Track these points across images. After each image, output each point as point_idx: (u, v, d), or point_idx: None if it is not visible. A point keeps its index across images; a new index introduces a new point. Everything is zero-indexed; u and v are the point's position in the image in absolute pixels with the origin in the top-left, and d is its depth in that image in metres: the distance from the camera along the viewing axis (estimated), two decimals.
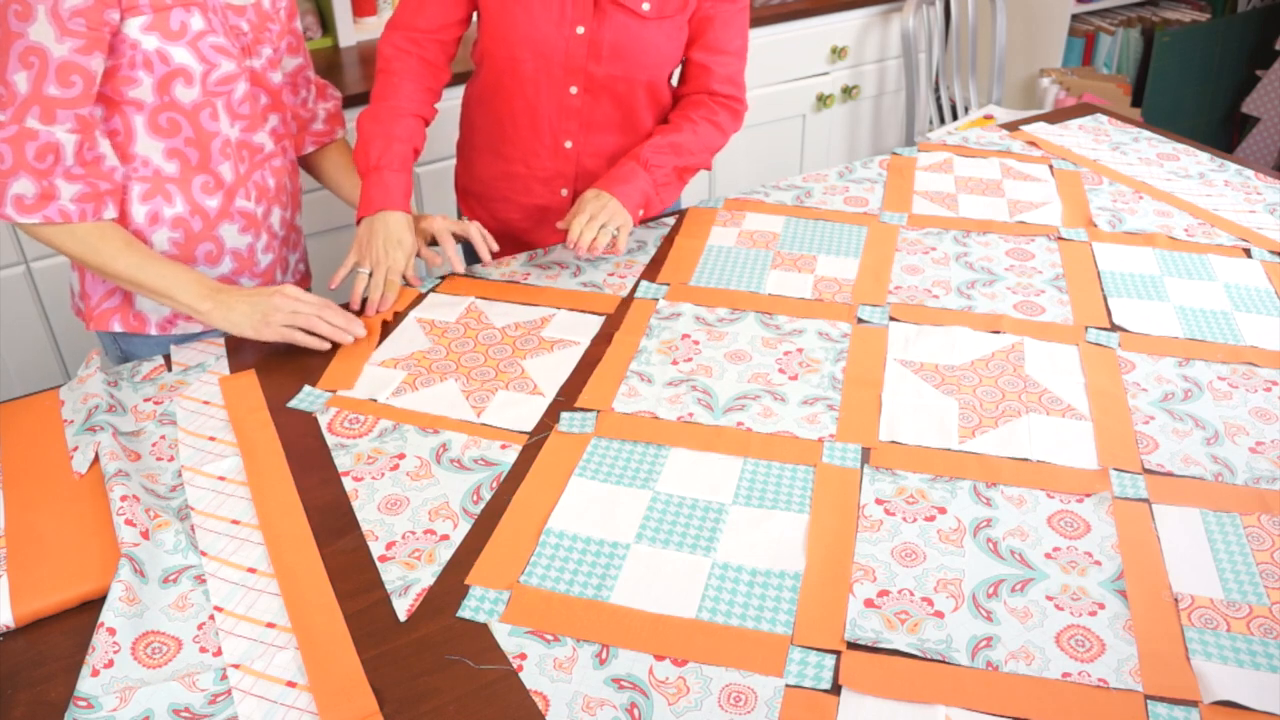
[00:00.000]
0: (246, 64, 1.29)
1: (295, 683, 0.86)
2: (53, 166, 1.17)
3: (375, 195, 1.40)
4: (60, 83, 1.14)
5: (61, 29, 1.12)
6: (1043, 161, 1.76)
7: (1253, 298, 1.38)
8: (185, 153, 1.27)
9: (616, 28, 1.42)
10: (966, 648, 0.89)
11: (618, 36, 1.42)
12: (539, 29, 1.42)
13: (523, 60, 1.46)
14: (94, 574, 0.95)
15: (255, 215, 1.37)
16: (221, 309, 1.25)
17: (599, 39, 1.42)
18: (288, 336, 1.25)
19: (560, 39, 1.43)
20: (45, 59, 1.13)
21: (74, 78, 1.15)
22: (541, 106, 1.49)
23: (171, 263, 1.26)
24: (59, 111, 1.15)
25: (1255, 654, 0.88)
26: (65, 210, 1.19)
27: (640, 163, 1.46)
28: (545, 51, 1.44)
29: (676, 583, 0.95)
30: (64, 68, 1.14)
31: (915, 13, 2.75)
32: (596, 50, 1.43)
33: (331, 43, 2.37)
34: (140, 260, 1.24)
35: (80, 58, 1.14)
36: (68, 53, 1.13)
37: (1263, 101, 3.18)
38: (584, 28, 1.42)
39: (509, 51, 1.46)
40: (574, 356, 1.27)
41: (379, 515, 1.03)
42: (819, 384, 1.21)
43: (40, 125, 1.15)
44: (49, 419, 1.16)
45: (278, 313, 1.25)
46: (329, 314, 1.27)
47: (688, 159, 1.50)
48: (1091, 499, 1.04)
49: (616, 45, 1.43)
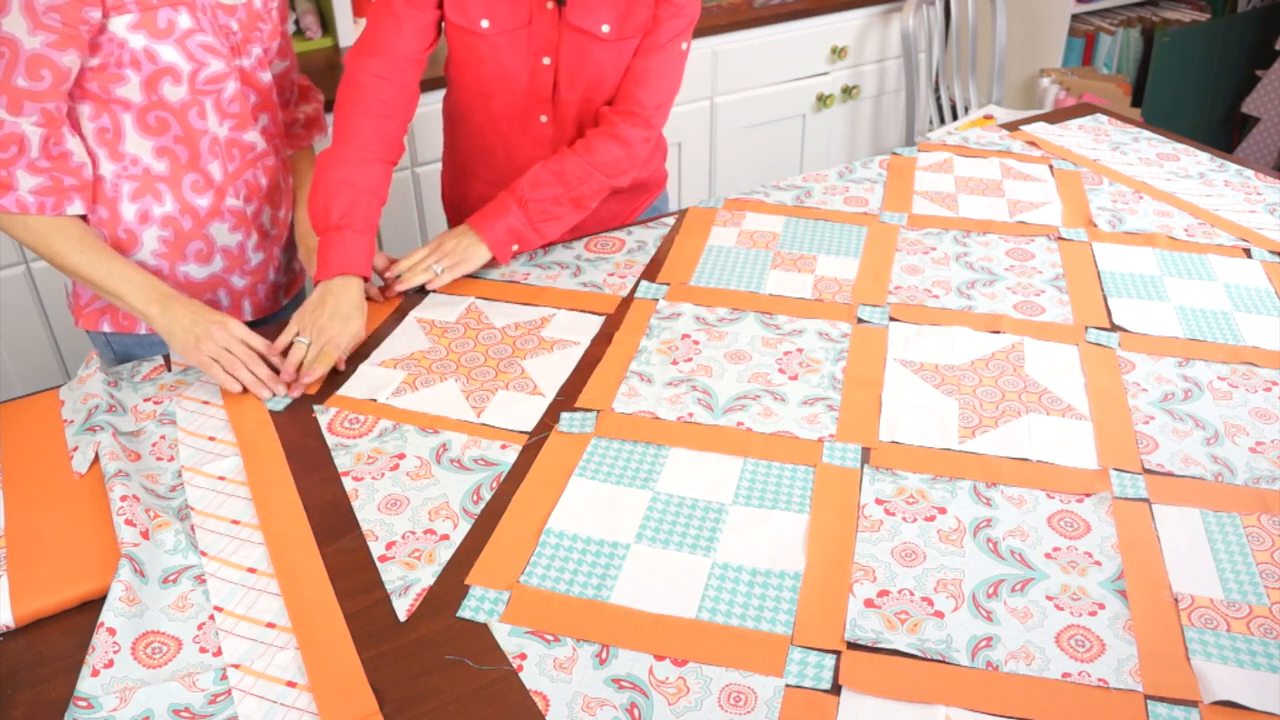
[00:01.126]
0: (236, 63, 1.30)
1: (295, 683, 0.86)
2: (15, 157, 1.17)
3: (334, 259, 1.31)
4: (29, 75, 1.14)
5: (35, 23, 1.12)
6: (1043, 161, 1.76)
7: (1253, 298, 1.38)
8: (175, 151, 1.27)
9: (579, 54, 1.40)
10: (966, 648, 0.89)
11: (581, 63, 1.40)
12: (504, 64, 1.40)
13: (492, 95, 1.44)
14: (94, 574, 0.95)
15: (245, 213, 1.37)
16: (165, 316, 1.22)
17: (564, 68, 1.41)
18: (206, 367, 1.20)
19: (526, 71, 1.41)
20: (16, 50, 1.13)
21: (44, 71, 1.14)
22: (513, 136, 1.48)
23: (126, 263, 1.24)
24: (26, 104, 1.15)
25: (1255, 654, 0.88)
26: (22, 201, 1.18)
27: (515, 198, 1.40)
28: (513, 86, 1.42)
29: (676, 583, 0.95)
30: (34, 61, 1.14)
31: (915, 13, 2.75)
32: (563, 78, 1.42)
33: (331, 43, 2.37)
34: (92, 258, 1.22)
35: (52, 52, 1.14)
36: (40, 46, 1.13)
37: (1263, 101, 3.18)
38: (550, 58, 1.40)
39: (478, 86, 1.45)
40: (574, 356, 1.27)
41: (379, 515, 1.03)
42: (819, 384, 1.21)
43: (6, 115, 1.15)
44: (49, 419, 1.16)
45: (210, 341, 1.20)
46: (255, 367, 1.21)
47: (578, 187, 1.42)
48: (1091, 499, 1.04)
49: (581, 72, 1.41)
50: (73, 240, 1.22)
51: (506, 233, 1.40)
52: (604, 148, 1.43)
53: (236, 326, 1.22)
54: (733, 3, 2.67)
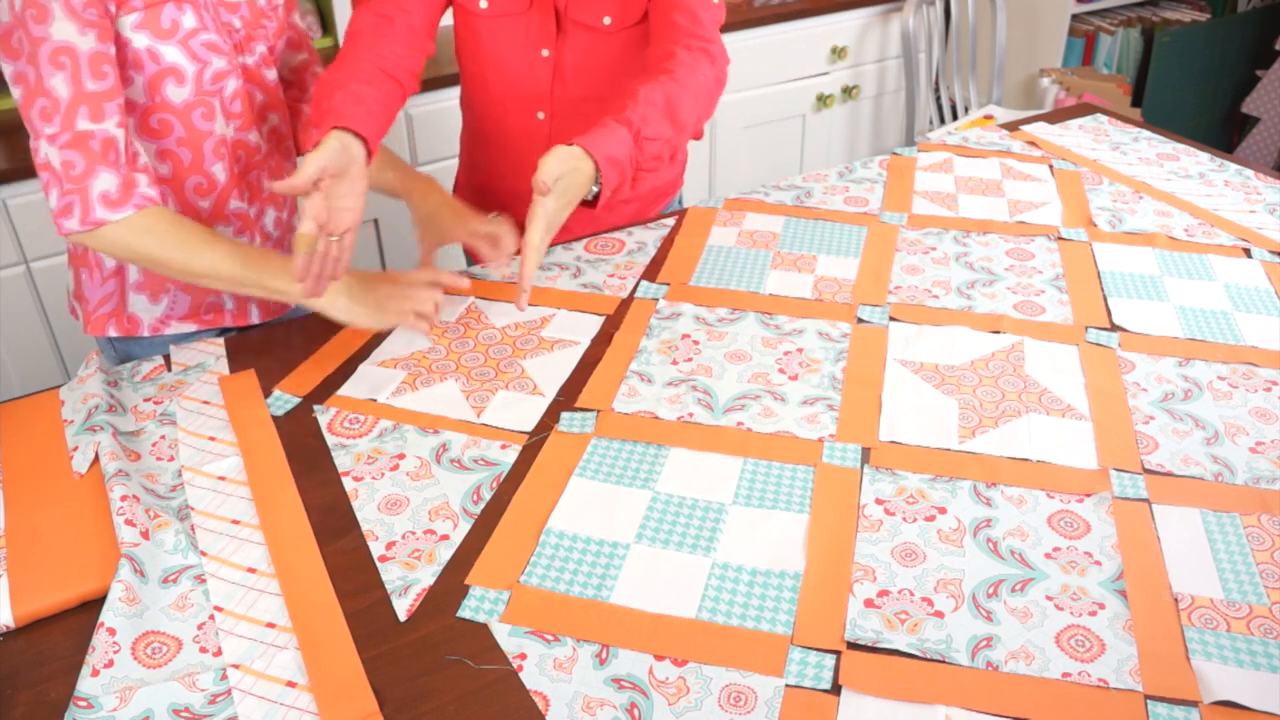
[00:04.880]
0: (239, 60, 1.28)
1: (295, 683, 0.86)
2: (120, 161, 1.14)
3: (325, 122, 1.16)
4: (95, 76, 1.11)
5: (81, 22, 1.10)
6: (1043, 161, 1.76)
7: (1253, 298, 1.38)
8: (177, 153, 1.26)
9: (580, 48, 1.37)
10: (966, 648, 0.89)
11: (582, 57, 1.38)
12: (502, 50, 1.38)
13: (490, 81, 1.42)
14: (94, 574, 0.95)
15: (249, 216, 1.36)
16: (341, 308, 1.22)
17: (563, 62, 1.38)
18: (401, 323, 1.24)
19: (524, 62, 1.39)
20: (75, 56, 1.10)
21: (104, 68, 1.12)
22: (509, 129, 1.46)
23: (257, 250, 1.22)
24: (105, 105, 1.12)
25: (1255, 654, 0.88)
26: (149, 196, 1.16)
27: (631, 131, 1.19)
28: (510, 75, 1.40)
29: (676, 583, 0.95)
30: (94, 60, 1.11)
31: (915, 13, 2.75)
32: (562, 73, 1.39)
33: (332, 42, 2.37)
34: (233, 248, 1.19)
35: (102, 46, 1.12)
36: (95, 43, 1.11)
37: (1263, 101, 3.18)
38: (549, 50, 1.38)
39: (477, 69, 1.43)
40: (574, 356, 1.27)
41: (379, 515, 1.03)
42: (819, 384, 1.21)
43: (92, 125, 1.11)
44: (49, 419, 1.16)
45: (389, 303, 1.24)
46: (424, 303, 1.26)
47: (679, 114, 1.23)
48: (1091, 499, 1.04)
49: (582, 67, 1.39)
50: (196, 233, 1.18)
51: (619, 177, 1.20)
52: (699, 68, 1.26)
53: (415, 282, 1.27)
54: (733, 3, 2.67)
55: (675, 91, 1.22)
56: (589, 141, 1.15)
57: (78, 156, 1.11)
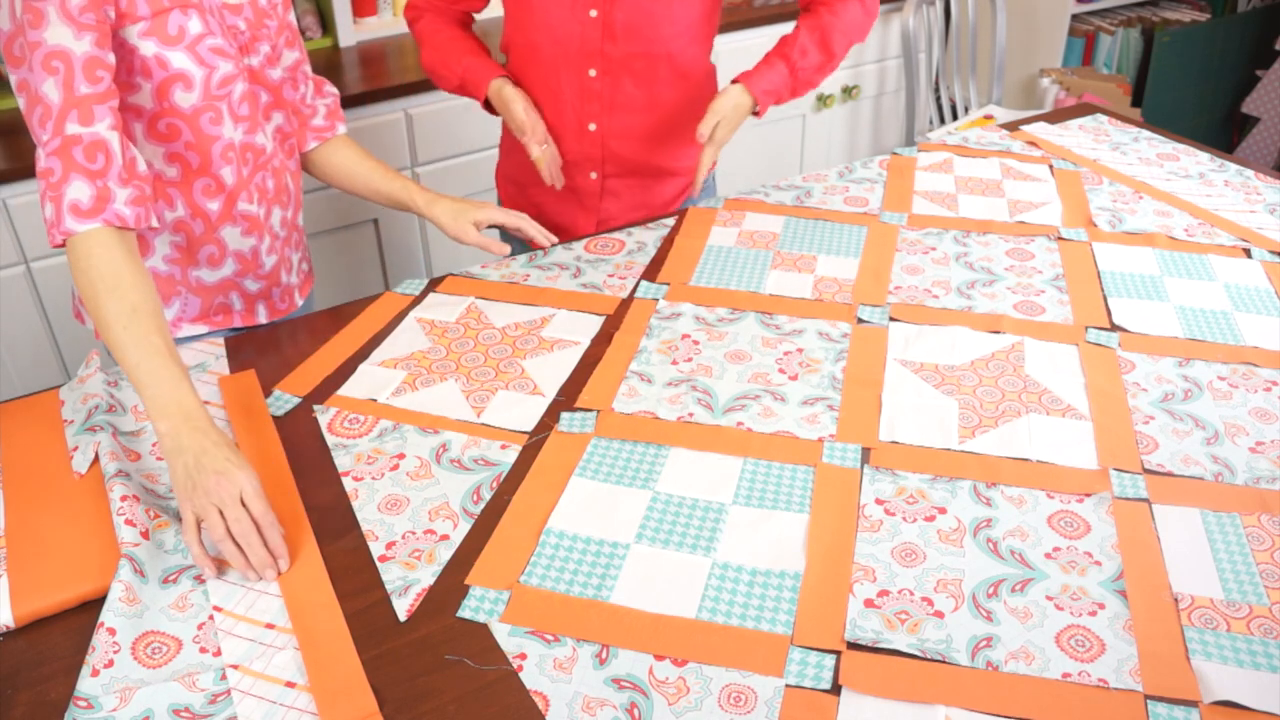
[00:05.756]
0: (245, 62, 1.28)
1: (295, 683, 0.86)
2: (105, 167, 1.10)
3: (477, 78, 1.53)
4: (89, 80, 1.10)
5: (77, 26, 1.09)
6: (1043, 161, 1.76)
7: (1253, 298, 1.38)
8: (186, 157, 1.26)
9: (629, 6, 1.43)
10: (966, 648, 0.89)
11: (630, 15, 1.44)
12: (552, 15, 1.45)
13: (540, 46, 1.48)
14: (94, 574, 0.95)
15: (257, 217, 1.36)
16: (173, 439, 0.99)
17: (612, 20, 1.44)
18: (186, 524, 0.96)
19: (574, 23, 1.45)
20: (69, 60, 1.09)
21: (99, 72, 1.11)
22: (563, 91, 1.51)
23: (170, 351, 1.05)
24: (95, 108, 1.11)
25: (1255, 654, 0.88)
26: (121, 214, 1.10)
27: (788, 65, 1.50)
28: (560, 37, 1.46)
29: (676, 583, 0.95)
30: (89, 64, 1.10)
31: (915, 13, 2.75)
32: (611, 31, 1.45)
33: (331, 42, 2.37)
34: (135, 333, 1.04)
35: (99, 51, 1.11)
36: (90, 48, 1.10)
37: (1263, 101, 3.18)
38: (596, 10, 1.43)
39: (526, 38, 1.50)
40: (574, 356, 1.27)
41: (379, 515, 1.03)
42: (819, 384, 1.21)
43: (82, 128, 1.10)
44: (49, 419, 1.16)
45: (202, 495, 0.95)
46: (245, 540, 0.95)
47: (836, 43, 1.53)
48: (1091, 499, 1.04)
49: (630, 24, 1.44)
50: (125, 303, 1.05)
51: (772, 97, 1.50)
52: (849, 5, 1.52)
53: (245, 480, 0.97)
54: (733, 3, 2.67)
55: (831, 24, 1.51)
56: (749, 78, 1.48)
57: (58, 163, 1.09)
